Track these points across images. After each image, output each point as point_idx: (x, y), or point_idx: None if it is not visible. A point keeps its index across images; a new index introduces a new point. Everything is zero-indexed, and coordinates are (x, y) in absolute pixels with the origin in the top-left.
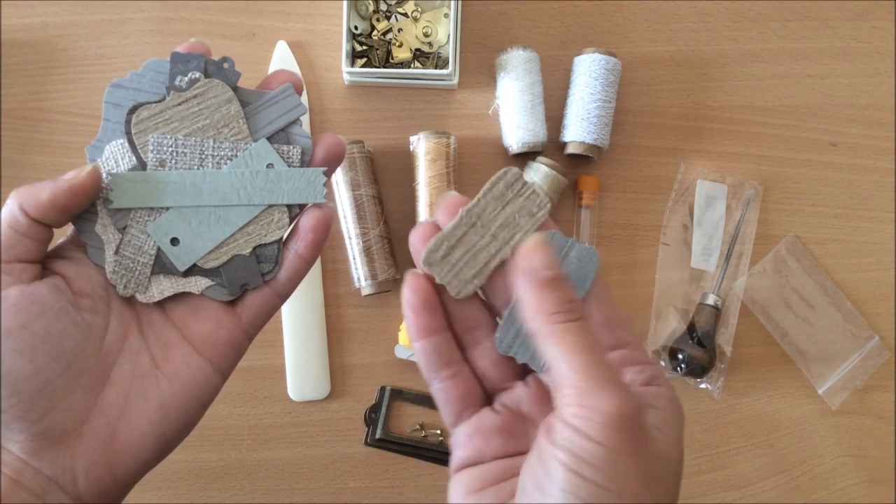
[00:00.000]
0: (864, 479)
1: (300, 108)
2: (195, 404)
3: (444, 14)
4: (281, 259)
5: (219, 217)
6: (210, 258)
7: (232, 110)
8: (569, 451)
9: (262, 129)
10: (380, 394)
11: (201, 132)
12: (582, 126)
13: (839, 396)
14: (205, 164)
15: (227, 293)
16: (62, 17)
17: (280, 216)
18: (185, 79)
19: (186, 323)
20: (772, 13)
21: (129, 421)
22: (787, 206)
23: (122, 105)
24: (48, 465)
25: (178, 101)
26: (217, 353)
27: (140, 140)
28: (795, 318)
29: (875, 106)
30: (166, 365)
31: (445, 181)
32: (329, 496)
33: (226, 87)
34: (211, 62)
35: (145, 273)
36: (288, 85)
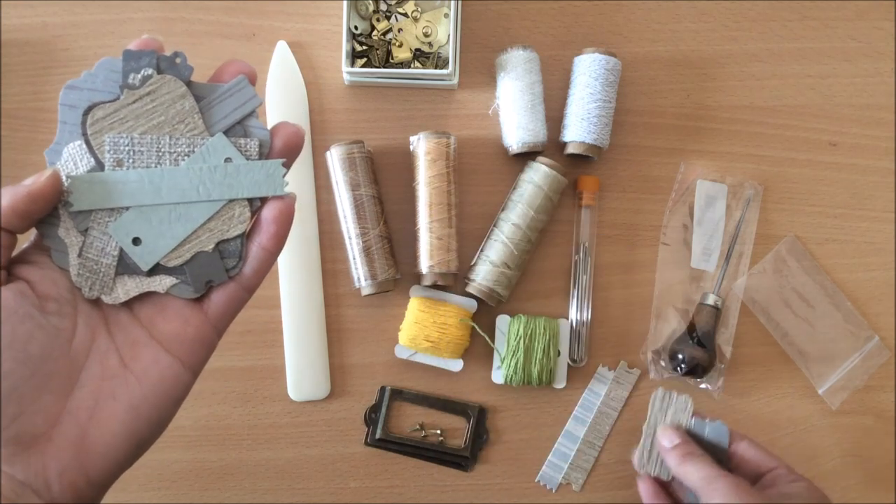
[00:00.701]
0: (864, 479)
1: (255, 99)
2: (166, 403)
3: (444, 14)
4: (245, 254)
5: (179, 214)
6: (173, 256)
7: (186, 105)
8: None
9: (218, 122)
10: (380, 394)
11: (157, 129)
12: (582, 126)
13: (839, 396)
14: (162, 162)
15: (191, 290)
16: (62, 17)
17: (241, 210)
18: (137, 76)
19: (154, 322)
20: (772, 13)
21: (99, 423)
22: (787, 206)
23: (78, 106)
24: (20, 470)
25: (132, 99)
26: (186, 351)
27: (96, 140)
28: (795, 318)
29: (875, 106)
30: (135, 364)
31: (445, 181)
32: (329, 496)
33: (179, 83)
34: (163, 58)
35: (109, 274)
36: (241, 77)
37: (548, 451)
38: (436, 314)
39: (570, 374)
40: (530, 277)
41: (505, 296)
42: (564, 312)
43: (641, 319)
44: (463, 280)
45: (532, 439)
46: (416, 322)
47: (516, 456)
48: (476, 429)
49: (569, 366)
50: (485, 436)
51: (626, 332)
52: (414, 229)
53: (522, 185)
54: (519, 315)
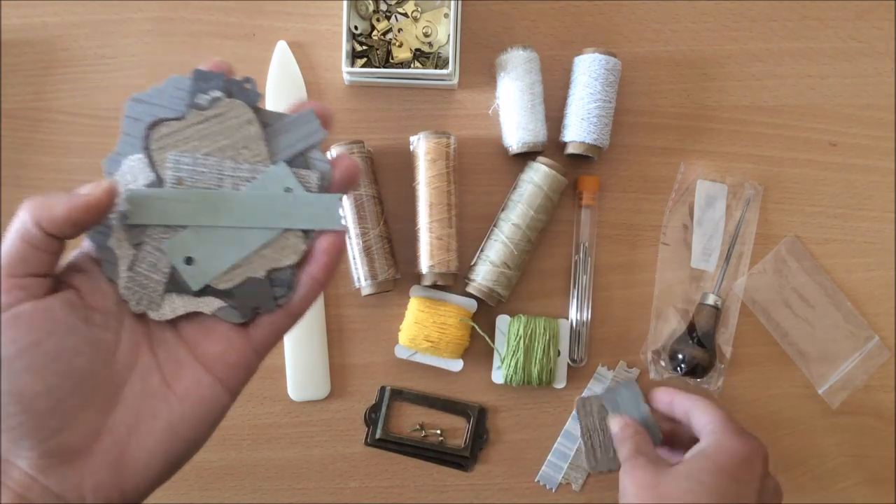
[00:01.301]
0: (864, 479)
1: (320, 132)
2: (204, 424)
3: (444, 14)
4: (295, 284)
5: (234, 238)
6: (223, 279)
7: (252, 131)
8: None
9: (282, 151)
10: (380, 394)
11: (220, 152)
12: (582, 126)
13: (839, 396)
14: (222, 185)
15: (238, 315)
16: (62, 17)
17: (295, 241)
18: (205, 97)
19: (198, 342)
20: (772, 13)
21: (138, 440)
22: (787, 206)
23: (142, 120)
24: (56, 482)
25: (199, 119)
26: (228, 374)
27: (159, 157)
28: (795, 318)
29: (875, 106)
30: (177, 384)
31: (445, 181)
32: (329, 496)
33: (247, 108)
34: (233, 81)
35: (158, 291)
36: (309, 109)
37: (548, 451)
38: (436, 314)
39: (570, 374)
40: (530, 277)
41: (505, 296)
42: (564, 312)
43: (641, 319)
44: (463, 280)
45: (532, 439)
46: (416, 322)
47: (516, 456)
48: (476, 429)
49: (569, 366)
50: (485, 436)
51: (626, 332)
52: (414, 229)
53: (522, 185)
54: (519, 315)
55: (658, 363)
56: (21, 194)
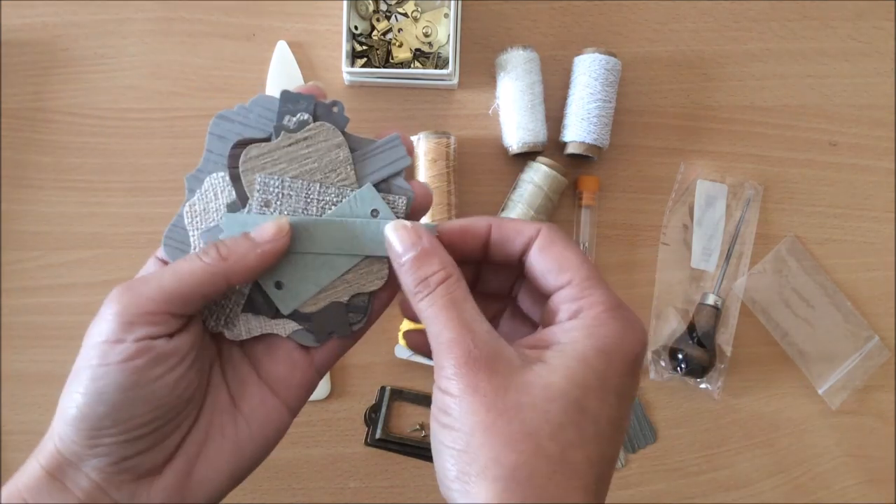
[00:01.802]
0: (864, 479)
1: (405, 159)
2: (268, 443)
3: (444, 14)
4: (370, 310)
5: (324, 263)
6: (309, 303)
7: (341, 155)
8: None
9: (367, 176)
10: (380, 394)
11: (308, 175)
12: (582, 126)
13: (839, 396)
14: (309, 209)
15: (313, 339)
16: (62, 17)
17: (380, 267)
18: (293, 119)
19: (262, 362)
20: (772, 13)
21: (207, 459)
22: (787, 206)
23: (227, 138)
24: (125, 496)
25: (288, 142)
26: (291, 394)
27: (247, 178)
28: (795, 318)
29: (875, 106)
30: (244, 404)
31: (445, 181)
32: (329, 496)
33: (336, 132)
34: (321, 104)
35: (236, 312)
36: (396, 135)
37: None
38: None
39: None
40: None
41: None
42: None
43: (641, 319)
44: None
45: None
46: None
47: None
48: None
49: None
50: None
51: None
52: None
53: (522, 185)
54: None
55: (658, 363)
56: (21, 194)
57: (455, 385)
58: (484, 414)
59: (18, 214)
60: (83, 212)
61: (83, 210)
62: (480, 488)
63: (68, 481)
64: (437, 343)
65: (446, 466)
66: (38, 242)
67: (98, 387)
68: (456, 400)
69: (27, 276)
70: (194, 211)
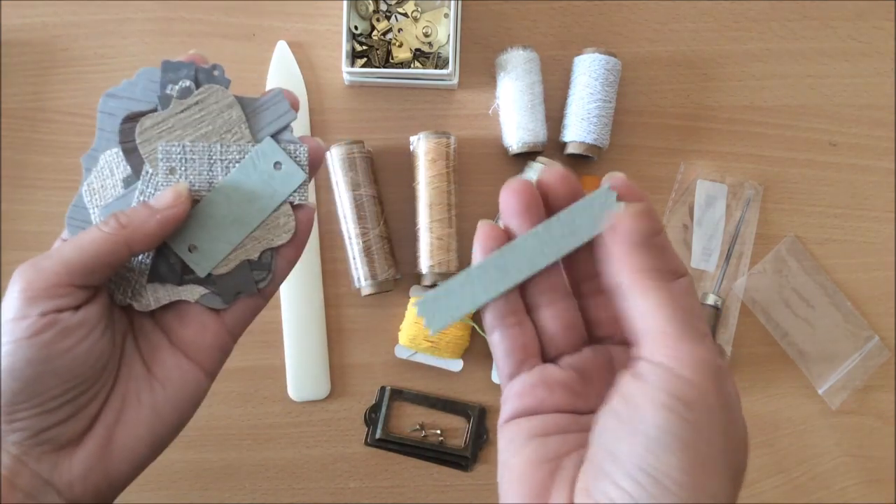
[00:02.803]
0: (864, 479)
1: (290, 113)
2: (186, 406)
3: (444, 14)
4: (274, 267)
5: (233, 220)
6: (221, 265)
7: (234, 115)
8: (663, 388)
9: (257, 133)
10: (380, 394)
11: (205, 138)
12: (582, 126)
13: (839, 396)
14: (213, 169)
15: (220, 301)
16: (62, 17)
17: (286, 220)
18: (175, 87)
19: (172, 328)
20: (772, 13)
21: (125, 426)
22: (787, 206)
23: (116, 114)
24: (46, 468)
25: (180, 108)
26: (204, 356)
27: (146, 149)
28: (795, 318)
29: (875, 106)
30: (158, 369)
31: (445, 181)
32: (329, 496)
33: (226, 93)
34: (201, 70)
35: (141, 282)
36: (279, 90)
37: None
38: None
39: None
40: None
41: None
42: None
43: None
44: None
45: None
46: (415, 322)
47: None
48: (476, 429)
49: None
50: (485, 436)
51: None
52: (414, 229)
53: None
54: None
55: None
56: (21, 194)
57: (704, 379)
58: (719, 434)
59: (18, 214)
60: None
61: None
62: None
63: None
64: (670, 325)
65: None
66: (38, 242)
67: (9, 363)
68: (701, 394)
69: None
70: (92, 189)
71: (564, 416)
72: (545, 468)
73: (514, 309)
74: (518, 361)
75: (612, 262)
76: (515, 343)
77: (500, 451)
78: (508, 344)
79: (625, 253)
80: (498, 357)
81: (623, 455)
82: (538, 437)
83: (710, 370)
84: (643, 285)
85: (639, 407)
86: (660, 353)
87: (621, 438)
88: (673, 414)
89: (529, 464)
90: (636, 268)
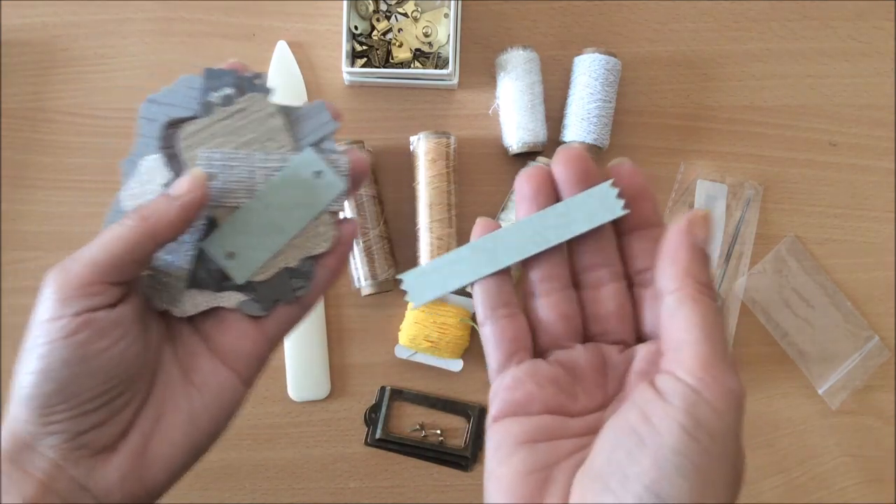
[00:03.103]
0: (864, 479)
1: (332, 123)
2: (223, 415)
3: (444, 14)
4: (314, 275)
5: (273, 228)
6: (260, 272)
7: (276, 124)
8: (687, 412)
9: (298, 142)
10: (380, 394)
11: (247, 146)
12: (582, 126)
13: (839, 396)
14: (254, 177)
15: (259, 308)
16: (62, 17)
17: (326, 229)
18: (217, 94)
19: (211, 335)
20: (772, 13)
21: (162, 433)
22: (787, 206)
23: (157, 120)
24: (84, 473)
25: (223, 115)
26: (242, 364)
27: (188, 155)
28: (795, 318)
29: (875, 106)
30: (195, 377)
31: (445, 181)
32: (329, 496)
33: (269, 101)
34: (244, 77)
35: (179, 288)
36: (321, 101)
37: None
38: (436, 314)
39: None
40: None
41: None
42: None
43: None
44: None
45: None
46: (416, 322)
47: None
48: (476, 429)
49: None
50: (485, 436)
51: None
52: (414, 229)
53: None
54: None
55: None
56: (21, 194)
57: (731, 413)
58: (729, 469)
59: (18, 214)
60: (83, 212)
61: (83, 210)
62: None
63: (27, 464)
64: (707, 345)
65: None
66: (38, 242)
67: (44, 365)
68: (726, 428)
69: (27, 276)
70: (133, 194)
71: (554, 419)
72: (534, 479)
73: (506, 301)
74: (508, 353)
75: (669, 262)
76: (505, 335)
77: (488, 459)
78: (499, 336)
79: (686, 256)
80: (488, 350)
81: (633, 475)
82: (527, 445)
83: (737, 401)
84: (692, 294)
85: (658, 428)
86: (689, 372)
87: (635, 459)
88: (693, 441)
89: (518, 475)
90: (692, 274)
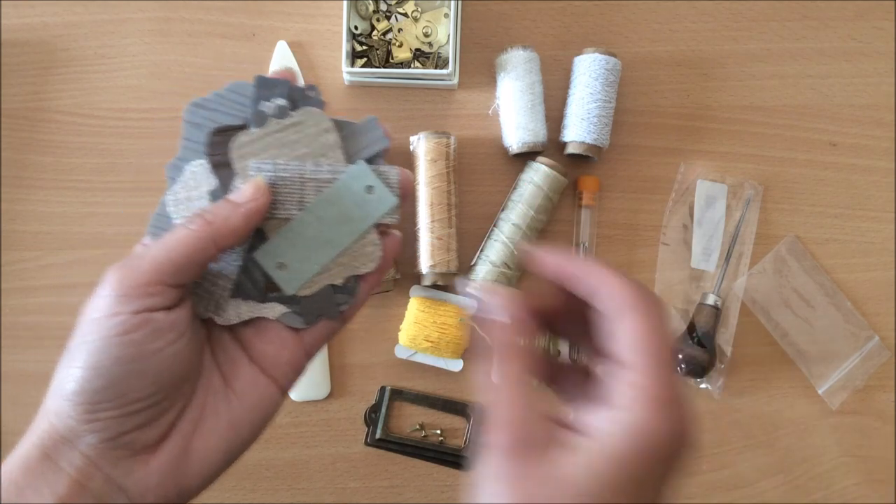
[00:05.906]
0: (864, 479)
1: (384, 140)
2: (261, 421)
3: (444, 14)
4: (357, 292)
5: (324, 241)
6: (305, 286)
7: (330, 140)
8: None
9: (350, 157)
10: (380, 394)
11: (300, 160)
12: (582, 126)
13: (839, 396)
14: (304, 188)
15: (302, 321)
16: (62, 17)
17: (372, 249)
18: (269, 104)
19: (252, 343)
20: (772, 13)
21: (202, 438)
22: (787, 206)
23: (203, 125)
24: (121, 474)
25: (277, 128)
26: (280, 373)
27: (239, 165)
28: (795, 318)
29: (875, 106)
30: (235, 383)
31: (445, 181)
32: (329, 496)
33: (324, 117)
34: (296, 89)
35: (224, 297)
36: (373, 117)
37: None
38: (436, 314)
39: None
40: (530, 277)
41: None
42: None
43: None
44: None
45: None
46: (416, 322)
47: None
48: (476, 429)
49: None
50: None
51: None
52: (414, 229)
53: (522, 185)
54: None
55: None
56: (21, 194)
57: (490, 468)
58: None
59: (18, 214)
60: (83, 212)
61: (83, 210)
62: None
63: (62, 460)
64: (492, 414)
65: None
66: (38, 242)
67: (96, 360)
68: (484, 480)
69: (27, 276)
70: (178, 199)
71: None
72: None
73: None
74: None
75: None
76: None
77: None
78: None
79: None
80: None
81: None
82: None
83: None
84: None
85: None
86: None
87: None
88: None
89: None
90: None
